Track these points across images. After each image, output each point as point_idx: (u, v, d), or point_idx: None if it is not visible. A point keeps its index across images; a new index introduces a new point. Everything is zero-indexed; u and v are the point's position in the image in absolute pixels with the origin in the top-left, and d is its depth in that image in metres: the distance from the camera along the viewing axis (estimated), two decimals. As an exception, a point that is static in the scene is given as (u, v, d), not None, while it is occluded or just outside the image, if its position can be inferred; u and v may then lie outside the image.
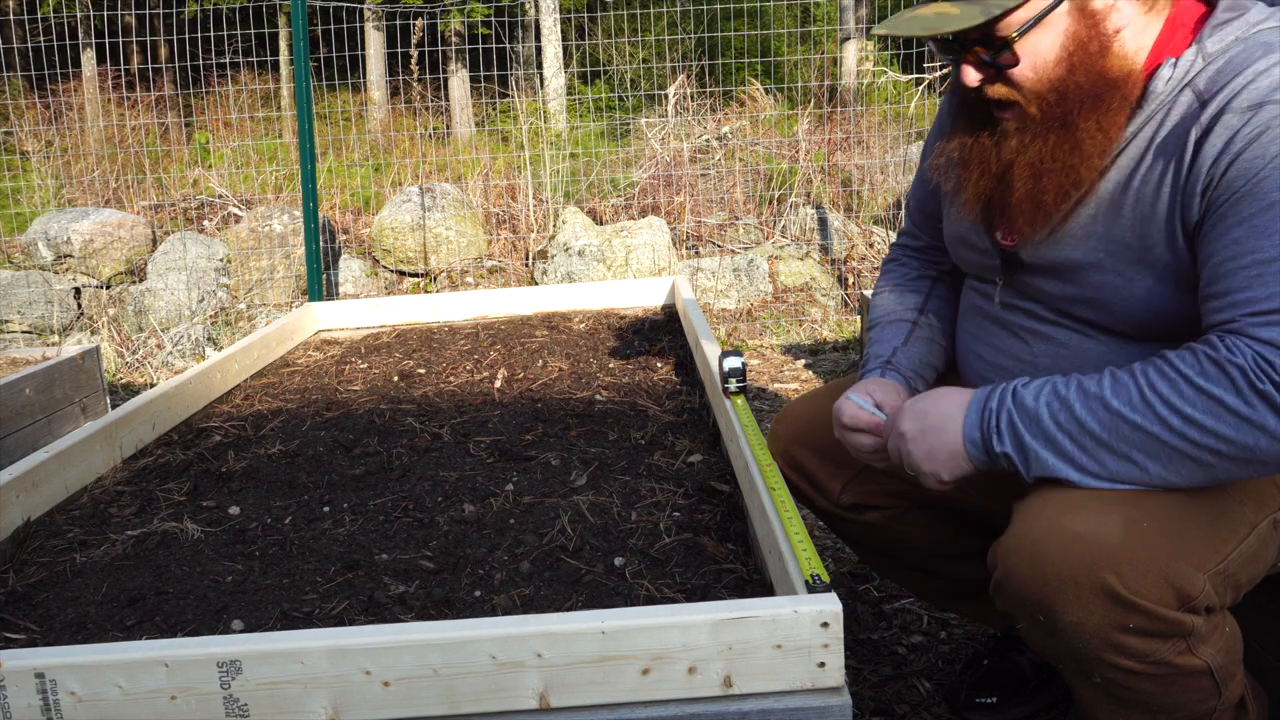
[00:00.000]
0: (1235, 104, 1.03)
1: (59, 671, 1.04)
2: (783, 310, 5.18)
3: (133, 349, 5.06)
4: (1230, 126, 1.03)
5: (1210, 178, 1.05)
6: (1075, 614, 1.05)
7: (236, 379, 2.53)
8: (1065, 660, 1.13)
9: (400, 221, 5.39)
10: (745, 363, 1.80)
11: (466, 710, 1.05)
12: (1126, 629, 1.05)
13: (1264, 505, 1.13)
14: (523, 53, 11.03)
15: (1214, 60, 1.07)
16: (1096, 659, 1.08)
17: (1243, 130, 1.02)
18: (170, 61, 11.00)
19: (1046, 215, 1.18)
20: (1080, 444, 1.06)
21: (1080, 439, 1.06)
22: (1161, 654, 1.07)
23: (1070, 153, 1.13)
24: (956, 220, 1.38)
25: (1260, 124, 1.01)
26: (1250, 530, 1.10)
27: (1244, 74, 1.04)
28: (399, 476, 1.81)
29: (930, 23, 1.11)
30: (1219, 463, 1.02)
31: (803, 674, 1.05)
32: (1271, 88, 1.02)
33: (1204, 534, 1.07)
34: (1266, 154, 1.01)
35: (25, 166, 6.54)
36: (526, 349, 2.69)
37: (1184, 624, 1.05)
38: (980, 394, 1.14)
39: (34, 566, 1.53)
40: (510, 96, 6.55)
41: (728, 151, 6.02)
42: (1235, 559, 1.08)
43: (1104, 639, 1.06)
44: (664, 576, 1.37)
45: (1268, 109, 1.01)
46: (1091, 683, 1.11)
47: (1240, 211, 1.03)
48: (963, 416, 1.14)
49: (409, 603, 1.34)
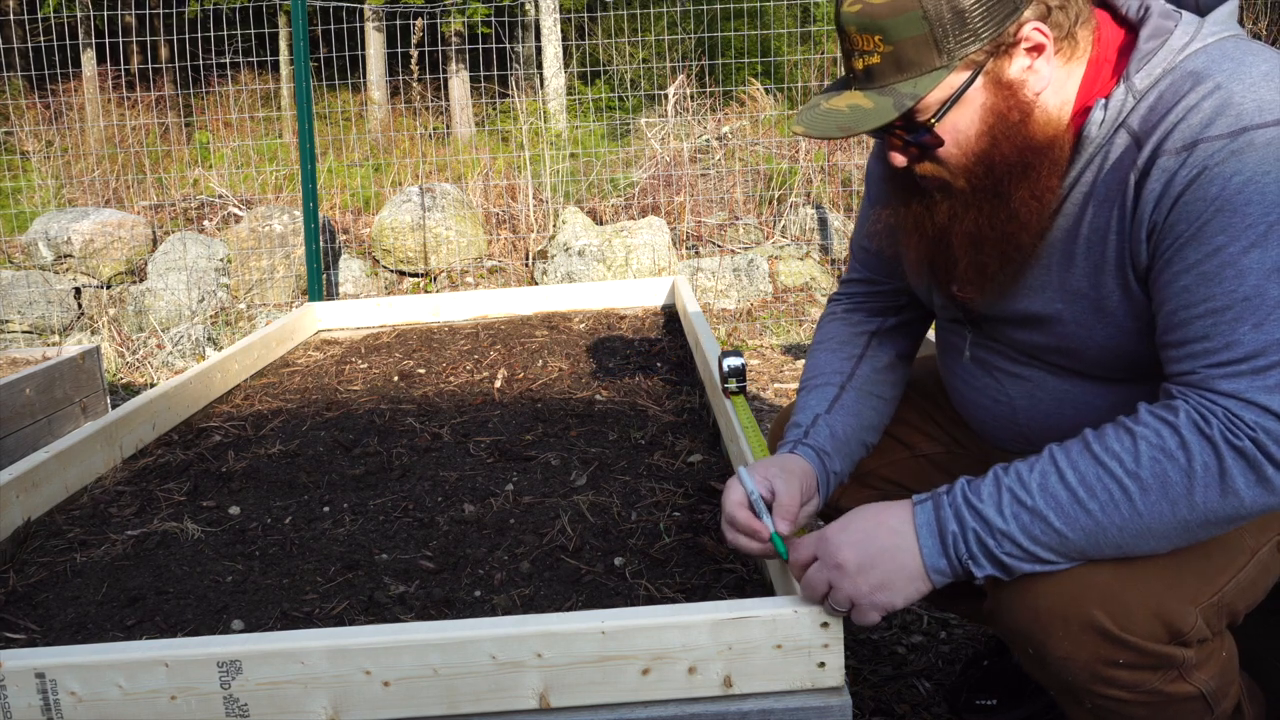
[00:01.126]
0: (1168, 145, 1.00)
1: (59, 671, 1.04)
2: (783, 310, 5.18)
3: (133, 349, 5.06)
4: (1167, 170, 1.00)
5: (1154, 222, 1.03)
6: (1064, 649, 1.04)
7: (236, 379, 2.54)
8: (1057, 689, 1.12)
9: (400, 221, 5.39)
10: (745, 363, 1.80)
11: (466, 710, 1.05)
12: (1116, 664, 1.04)
13: (1265, 529, 1.11)
14: (523, 53, 11.03)
15: (1144, 97, 1.04)
16: (1086, 690, 1.07)
17: (1180, 173, 1.00)
18: (170, 61, 11.00)
19: (993, 280, 1.16)
20: (1065, 554, 1.01)
21: (1064, 549, 1.01)
22: (1153, 684, 1.06)
23: (1007, 221, 1.11)
24: (911, 277, 1.36)
25: (1196, 164, 0.99)
26: (1250, 557, 1.09)
27: (1174, 110, 1.01)
28: (399, 476, 1.81)
29: (845, 119, 1.08)
30: (1205, 532, 0.99)
31: (803, 674, 1.05)
32: (1204, 123, 0.99)
33: (1199, 566, 1.05)
34: (1206, 196, 0.98)
35: (25, 166, 6.54)
36: (526, 349, 2.69)
37: (1175, 657, 1.04)
38: (926, 512, 1.05)
39: (34, 566, 1.53)
40: (510, 96, 6.55)
41: (728, 151, 6.02)
42: (1231, 589, 1.07)
43: (1093, 672, 1.05)
44: (664, 576, 1.37)
45: (1201, 147, 0.98)
46: (1083, 708, 1.11)
47: (1186, 258, 1.00)
48: (915, 539, 1.04)
49: (409, 603, 1.34)
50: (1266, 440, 0.95)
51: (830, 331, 1.46)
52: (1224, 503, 0.96)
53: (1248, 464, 0.96)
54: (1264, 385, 0.96)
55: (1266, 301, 0.96)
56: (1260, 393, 0.96)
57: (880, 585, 1.04)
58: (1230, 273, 0.98)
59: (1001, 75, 1.06)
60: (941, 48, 1.03)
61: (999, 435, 1.34)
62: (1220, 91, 0.99)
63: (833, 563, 1.05)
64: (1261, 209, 0.96)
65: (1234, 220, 0.97)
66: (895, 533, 1.05)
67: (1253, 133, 0.96)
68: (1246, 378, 0.97)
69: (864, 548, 1.04)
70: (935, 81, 1.04)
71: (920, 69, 1.04)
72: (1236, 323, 0.97)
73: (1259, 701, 1.27)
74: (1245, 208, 0.96)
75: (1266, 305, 0.96)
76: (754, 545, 1.17)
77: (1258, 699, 1.27)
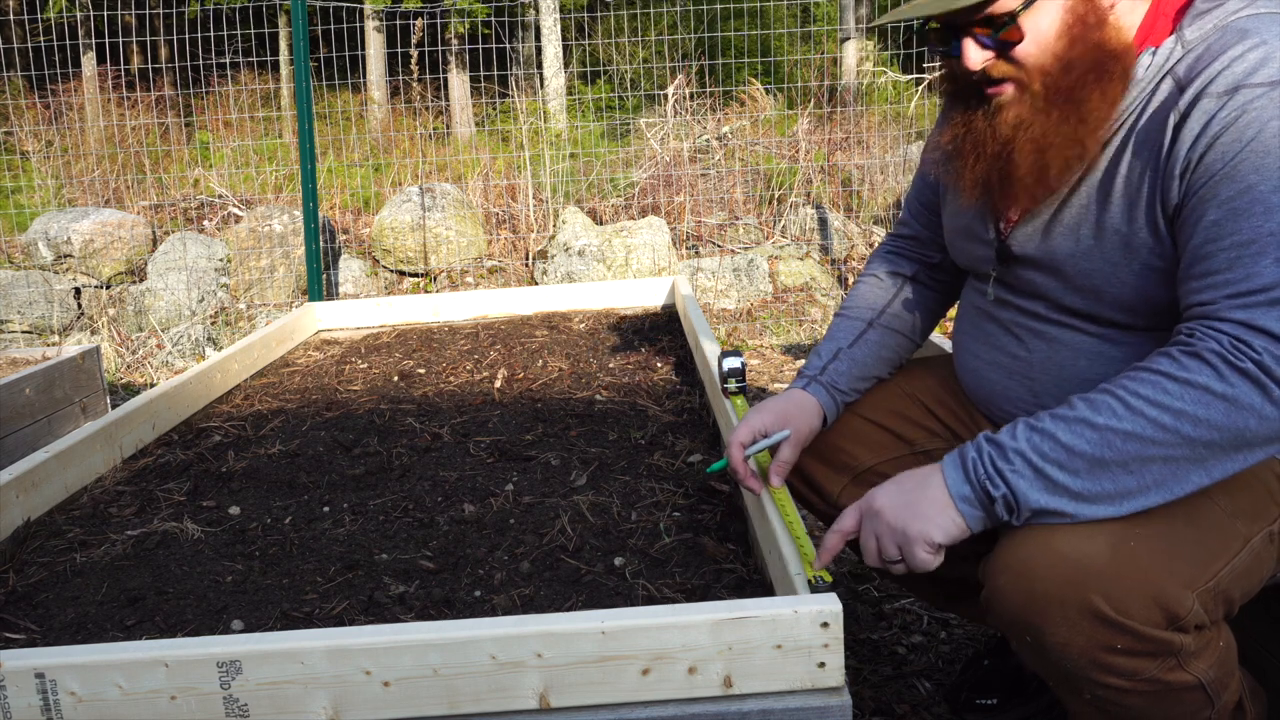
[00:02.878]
0: (1212, 88, 1.05)
1: (59, 671, 1.04)
2: (783, 310, 5.18)
3: (133, 349, 5.06)
4: (1207, 111, 1.05)
5: (1188, 161, 1.07)
6: (1062, 634, 1.04)
7: (236, 379, 2.54)
8: (1055, 678, 1.12)
9: (400, 221, 5.39)
10: (745, 363, 1.80)
11: (466, 710, 1.05)
12: (1114, 649, 1.03)
13: (1257, 519, 1.11)
14: (523, 53, 11.03)
15: (1193, 48, 1.09)
16: (1085, 678, 1.07)
17: (1219, 114, 1.04)
18: (170, 61, 11.00)
19: (1049, 189, 1.19)
20: (1072, 470, 1.03)
21: (1070, 465, 1.03)
22: (1151, 672, 1.05)
23: (1077, 125, 1.14)
24: (956, 213, 1.39)
25: (1236, 107, 1.03)
26: (1243, 545, 1.09)
27: (1220, 59, 1.06)
28: (399, 476, 1.81)
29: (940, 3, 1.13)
30: (1212, 456, 1.01)
31: (803, 674, 1.05)
32: (1247, 71, 1.03)
33: (1193, 551, 1.05)
34: (1243, 137, 1.02)
35: (25, 166, 6.54)
36: (526, 349, 2.69)
37: (1173, 643, 1.04)
38: (952, 454, 1.11)
39: (34, 566, 1.53)
40: (510, 96, 6.55)
41: (728, 151, 6.02)
42: (1226, 575, 1.07)
43: (1091, 659, 1.05)
44: (664, 576, 1.37)
45: (1243, 92, 1.03)
46: (1082, 699, 1.10)
47: (1218, 195, 1.04)
48: (940, 473, 1.10)
49: (409, 603, 1.34)
50: (1269, 360, 0.98)
51: (874, 267, 1.59)
52: (1229, 419, 0.99)
53: (1251, 383, 0.98)
54: (1275, 315, 0.99)
55: None
56: (1271, 320, 0.99)
57: (914, 515, 1.09)
58: (1259, 209, 1.01)
59: None
60: None
61: (1010, 397, 1.35)
62: (1265, 46, 1.04)
63: (871, 511, 1.14)
64: None
65: (1267, 161, 1.01)
66: (924, 474, 1.12)
67: None
68: (1261, 308, 1.00)
69: (896, 492, 1.13)
70: None
71: None
72: (1259, 256, 1.01)
73: (1261, 700, 1.26)
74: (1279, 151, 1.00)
75: None
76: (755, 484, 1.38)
77: (1260, 698, 1.27)
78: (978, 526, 1.09)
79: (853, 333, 1.52)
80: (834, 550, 1.18)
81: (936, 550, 1.10)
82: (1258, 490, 1.13)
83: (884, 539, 1.12)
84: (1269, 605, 1.38)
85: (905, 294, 1.55)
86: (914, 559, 1.10)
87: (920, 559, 1.10)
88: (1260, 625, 1.41)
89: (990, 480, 1.06)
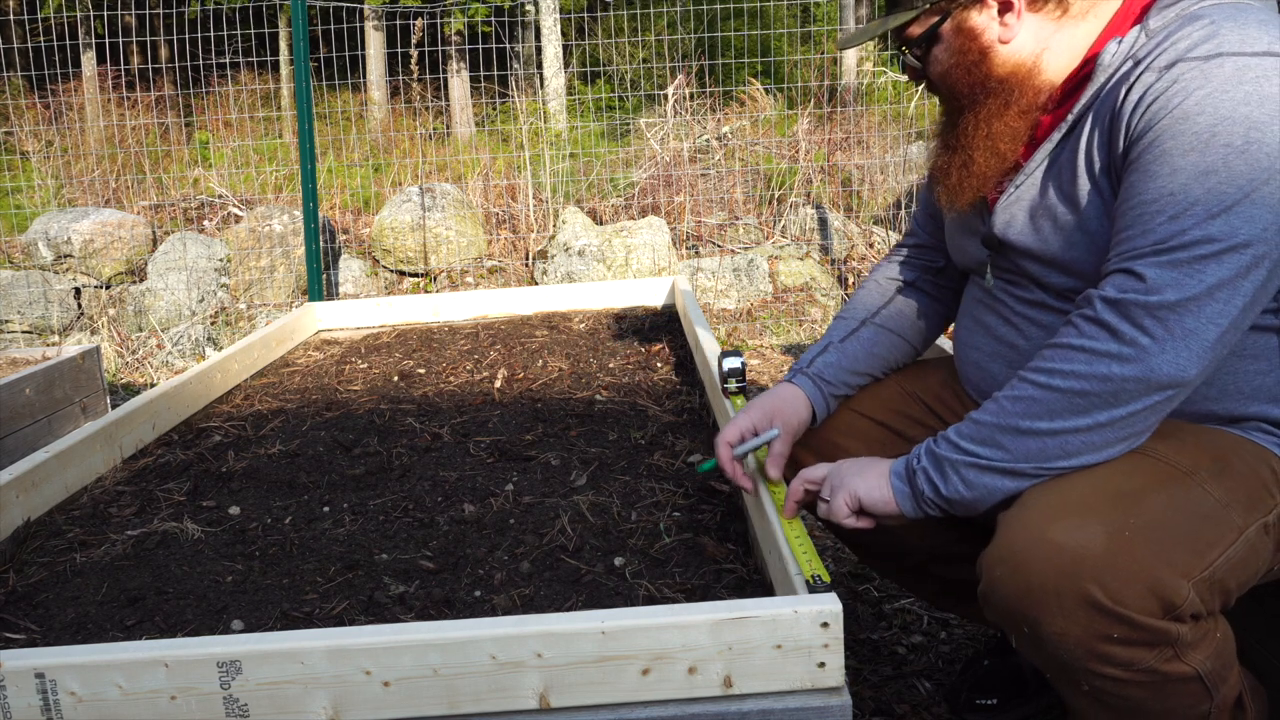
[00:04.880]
0: (1156, 64, 1.11)
1: (59, 671, 1.04)
2: (783, 310, 5.18)
3: (133, 349, 5.06)
4: (1146, 83, 1.11)
5: (1127, 128, 1.13)
6: (1058, 625, 1.05)
7: (236, 379, 2.54)
8: (1053, 670, 1.12)
9: (400, 221, 5.39)
10: (745, 363, 1.80)
11: (466, 710, 1.05)
12: (1110, 639, 1.04)
13: (1253, 510, 1.12)
14: (523, 53, 11.03)
15: (1155, 35, 1.15)
16: (1083, 669, 1.07)
17: (1155, 85, 1.10)
18: (170, 61, 11.00)
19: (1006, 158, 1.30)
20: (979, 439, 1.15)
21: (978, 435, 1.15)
22: (1148, 662, 1.06)
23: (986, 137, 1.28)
24: (954, 216, 1.44)
25: (1170, 78, 1.09)
26: (1238, 535, 1.09)
27: (1171, 38, 1.12)
28: (399, 476, 1.81)
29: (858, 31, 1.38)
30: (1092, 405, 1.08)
31: (803, 674, 1.05)
32: (1188, 47, 1.09)
33: (1189, 540, 1.06)
34: (1168, 105, 1.08)
35: (25, 166, 6.54)
36: (526, 349, 2.69)
37: (1169, 632, 1.04)
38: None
39: (34, 566, 1.53)
40: (510, 96, 6.55)
41: (727, 151, 6.02)
42: (1222, 565, 1.07)
43: (1088, 649, 1.05)
44: (664, 576, 1.37)
45: (1178, 66, 1.08)
46: (1081, 691, 1.11)
47: (1139, 160, 1.10)
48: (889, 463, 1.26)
49: (409, 603, 1.34)
50: (1130, 299, 1.06)
51: (876, 273, 1.65)
52: (1091, 368, 1.07)
53: (1102, 328, 1.08)
54: (1156, 262, 1.06)
55: (1189, 197, 1.05)
56: (1145, 267, 1.06)
57: (856, 474, 1.26)
58: (1165, 169, 1.07)
59: (965, 22, 1.27)
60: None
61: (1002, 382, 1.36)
62: (1212, 26, 1.10)
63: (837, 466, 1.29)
64: (1211, 120, 1.05)
65: (1184, 127, 1.06)
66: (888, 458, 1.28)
67: (1225, 58, 1.06)
68: (1143, 259, 1.07)
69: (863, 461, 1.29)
70: (912, 16, 1.30)
71: (905, 5, 1.30)
72: (1157, 214, 1.07)
73: (1262, 699, 1.26)
74: (1197, 117, 1.06)
75: (1187, 200, 1.05)
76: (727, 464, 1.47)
77: (1260, 696, 1.27)
78: (907, 505, 1.21)
79: (845, 330, 1.57)
80: (795, 494, 1.33)
81: (856, 508, 1.25)
82: (1252, 482, 1.13)
83: (829, 480, 1.29)
84: (1265, 602, 1.38)
85: (904, 297, 1.60)
86: (833, 503, 1.26)
87: (837, 505, 1.26)
88: (1259, 623, 1.41)
89: (916, 457, 1.21)
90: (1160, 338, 1.05)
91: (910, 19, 1.31)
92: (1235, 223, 1.03)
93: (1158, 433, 1.15)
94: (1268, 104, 1.03)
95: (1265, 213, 1.03)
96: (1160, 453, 1.14)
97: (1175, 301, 1.04)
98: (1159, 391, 1.07)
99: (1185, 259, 1.04)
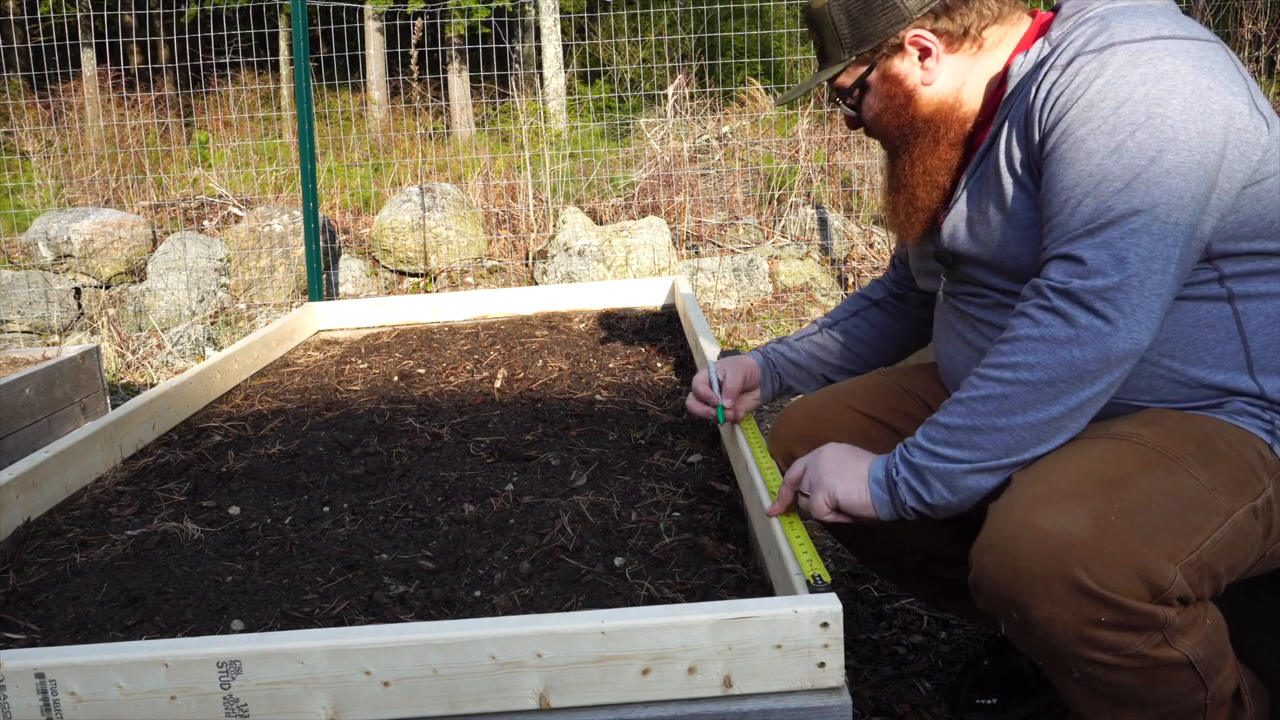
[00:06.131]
0: (1058, 62, 1.19)
1: (59, 671, 1.04)
2: (783, 310, 5.18)
3: (133, 349, 5.06)
4: (1050, 79, 1.19)
5: (1040, 122, 1.20)
6: (1047, 610, 1.06)
7: (236, 379, 2.54)
8: (1044, 657, 1.13)
9: (400, 221, 5.39)
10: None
11: (466, 710, 1.05)
12: (1098, 623, 1.05)
13: (1240, 494, 1.12)
14: (523, 53, 11.03)
15: (1055, 41, 1.23)
16: (1072, 654, 1.08)
17: (1059, 80, 1.18)
18: (170, 61, 11.00)
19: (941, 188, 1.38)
20: (955, 444, 1.17)
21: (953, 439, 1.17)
22: (1137, 647, 1.07)
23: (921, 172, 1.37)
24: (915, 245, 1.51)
25: (1071, 72, 1.17)
26: (1225, 519, 1.10)
27: (1068, 39, 1.21)
28: (399, 476, 1.81)
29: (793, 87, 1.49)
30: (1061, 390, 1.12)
31: (803, 674, 1.05)
32: (1084, 43, 1.17)
33: (1175, 524, 1.07)
34: (1073, 96, 1.15)
35: (25, 166, 6.54)
36: (526, 349, 2.69)
37: (1157, 616, 1.05)
38: None
39: (34, 566, 1.53)
40: (510, 96, 6.55)
41: (727, 151, 6.02)
42: (1209, 549, 1.08)
43: (1076, 634, 1.06)
44: (664, 576, 1.37)
45: (1078, 60, 1.17)
46: (1072, 678, 1.12)
47: (1055, 151, 1.17)
48: (872, 461, 1.28)
49: (409, 603, 1.34)
50: (1075, 285, 1.10)
51: (857, 292, 1.79)
52: (1054, 356, 1.11)
53: (1056, 316, 1.11)
54: (1091, 243, 1.11)
55: (1105, 174, 1.11)
56: (1083, 249, 1.11)
57: (837, 472, 1.28)
58: (1080, 154, 1.13)
59: (889, 70, 1.35)
60: (844, 45, 1.37)
61: None
62: (1102, 23, 1.19)
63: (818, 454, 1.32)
64: (1114, 103, 1.12)
65: (1090, 114, 1.14)
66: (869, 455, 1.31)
67: (1118, 46, 1.15)
68: (1079, 240, 1.12)
69: (845, 452, 1.31)
70: (840, 68, 1.38)
71: (834, 60, 1.39)
72: (1082, 196, 1.12)
73: (1262, 698, 1.27)
74: (1101, 103, 1.13)
75: (1104, 176, 1.11)
76: (702, 409, 1.67)
77: (1260, 694, 1.27)
78: (884, 511, 1.24)
79: (804, 332, 1.76)
80: (785, 499, 1.34)
81: (834, 506, 1.27)
82: (1239, 466, 1.14)
83: (807, 476, 1.31)
84: (1263, 599, 1.38)
85: (864, 313, 1.73)
86: (814, 501, 1.29)
87: (817, 504, 1.28)
88: (1258, 620, 1.41)
89: (894, 467, 1.23)
90: (1113, 318, 1.09)
91: (840, 70, 1.39)
92: (1153, 190, 1.09)
93: (1144, 419, 1.18)
94: (1163, 81, 1.11)
95: (1174, 178, 1.09)
96: (1146, 439, 1.15)
97: (1120, 282, 1.09)
98: (1120, 365, 1.12)
99: (1116, 236, 1.09)
